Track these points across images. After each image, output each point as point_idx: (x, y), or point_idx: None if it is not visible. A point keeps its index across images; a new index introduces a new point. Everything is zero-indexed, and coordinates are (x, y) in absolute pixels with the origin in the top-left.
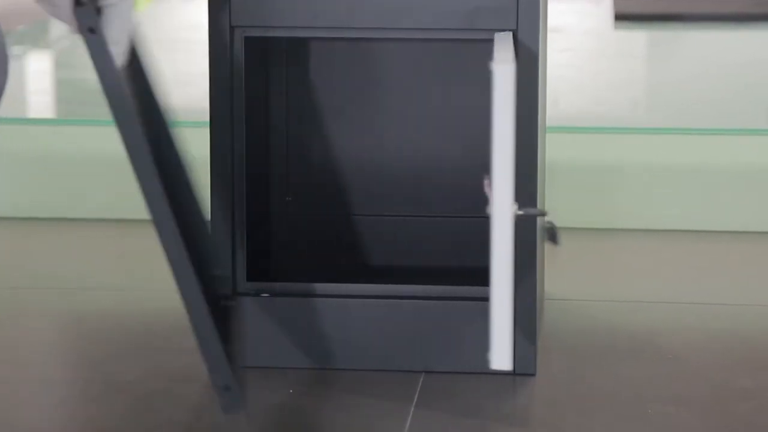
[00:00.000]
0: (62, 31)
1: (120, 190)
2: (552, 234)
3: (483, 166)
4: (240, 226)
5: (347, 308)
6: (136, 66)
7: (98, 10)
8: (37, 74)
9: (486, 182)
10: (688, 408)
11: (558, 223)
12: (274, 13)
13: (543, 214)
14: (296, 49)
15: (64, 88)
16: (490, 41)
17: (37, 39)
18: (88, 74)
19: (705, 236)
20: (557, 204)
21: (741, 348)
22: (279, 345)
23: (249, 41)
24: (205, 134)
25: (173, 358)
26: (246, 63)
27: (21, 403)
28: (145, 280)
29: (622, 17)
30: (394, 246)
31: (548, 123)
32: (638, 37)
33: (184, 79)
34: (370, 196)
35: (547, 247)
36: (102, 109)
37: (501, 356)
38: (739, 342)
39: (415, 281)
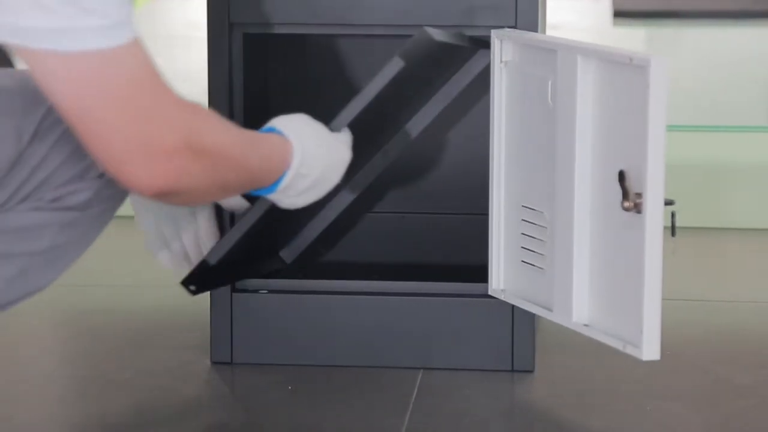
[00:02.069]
0: None
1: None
2: (672, 224)
3: (483, 164)
4: None
5: (345, 305)
6: None
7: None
8: None
9: (621, 174)
10: (687, 404)
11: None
12: (274, 10)
13: (670, 203)
14: (295, 46)
15: None
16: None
17: None
18: None
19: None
20: None
21: (740, 344)
22: (277, 342)
23: (248, 38)
24: None
25: (172, 355)
26: (245, 60)
27: (19, 400)
28: (144, 276)
29: (621, 14)
30: (393, 243)
31: None
32: (637, 34)
33: (182, 75)
34: (369, 193)
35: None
36: None
37: (651, 347)
38: (738, 338)
39: (414, 278)
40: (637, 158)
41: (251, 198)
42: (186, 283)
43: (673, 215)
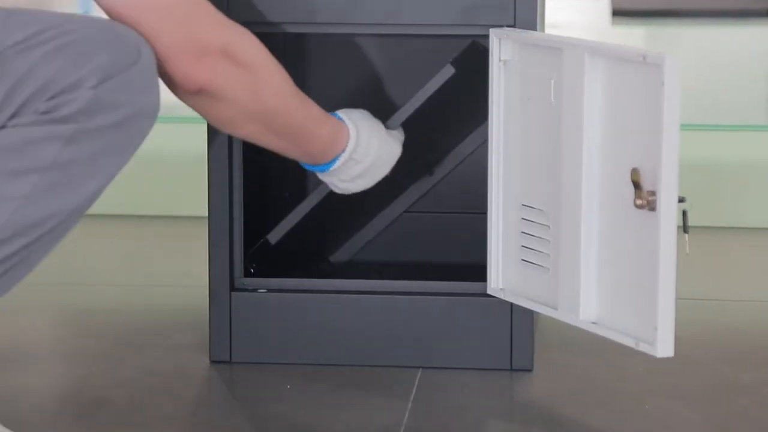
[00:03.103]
0: None
1: (120, 186)
2: (684, 222)
3: (482, 164)
4: (238, 222)
5: (344, 304)
6: None
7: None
8: None
9: (634, 172)
10: (687, 402)
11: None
12: (272, 10)
13: (682, 200)
14: (294, 45)
15: None
16: (487, 37)
17: None
18: None
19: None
20: None
21: (742, 343)
22: (276, 341)
23: None
24: (202, 130)
25: (171, 354)
26: None
27: (18, 399)
28: (143, 276)
29: (620, 13)
30: (392, 242)
31: None
32: (636, 32)
33: None
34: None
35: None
36: None
37: (665, 344)
38: (740, 337)
39: (413, 277)
40: (651, 156)
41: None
42: (249, 261)
43: (684, 213)
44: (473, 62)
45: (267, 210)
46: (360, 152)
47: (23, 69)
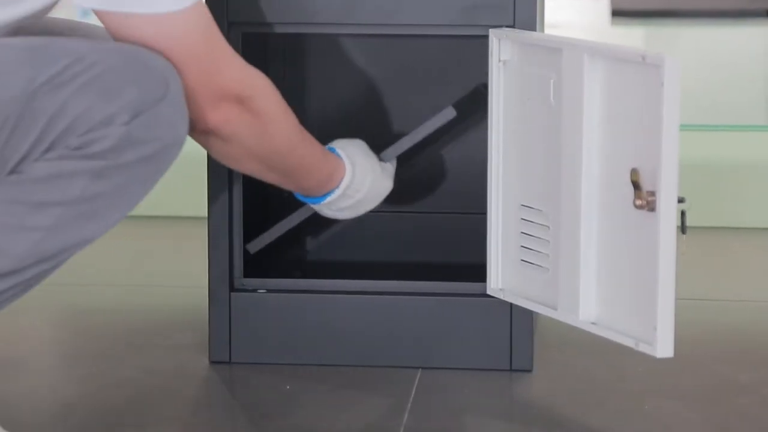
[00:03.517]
0: None
1: None
2: (682, 222)
3: (481, 164)
4: (237, 221)
5: (344, 304)
6: None
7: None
8: None
9: (633, 172)
10: (686, 403)
11: None
12: (272, 10)
13: (682, 200)
14: (294, 46)
15: None
16: (486, 37)
17: None
18: None
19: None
20: None
21: (742, 343)
22: (275, 341)
23: (247, 38)
24: None
25: (171, 353)
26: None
27: (18, 399)
28: (142, 276)
29: (619, 13)
30: (392, 242)
31: None
32: (635, 33)
33: None
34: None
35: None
36: None
37: (665, 344)
38: (740, 337)
39: (412, 277)
40: (651, 156)
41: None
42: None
43: (683, 213)
44: (475, 105)
45: (267, 210)
46: (353, 188)
47: (55, 107)
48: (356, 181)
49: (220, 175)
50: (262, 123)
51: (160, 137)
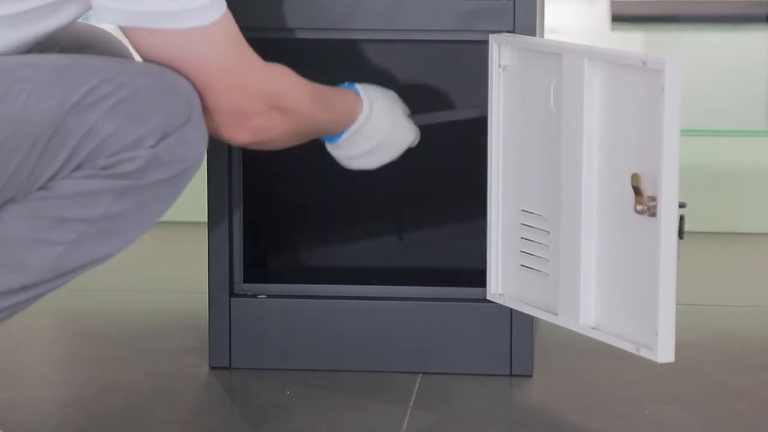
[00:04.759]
0: None
1: None
2: (680, 227)
3: (480, 168)
4: (237, 227)
5: (344, 310)
6: None
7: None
8: None
9: (634, 177)
10: (685, 407)
11: None
12: (271, 15)
13: (683, 205)
14: (294, 50)
15: None
16: (486, 43)
17: None
18: None
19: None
20: None
21: (740, 348)
22: (276, 346)
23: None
24: None
25: (171, 359)
26: None
27: (18, 403)
28: (143, 281)
29: (619, 19)
30: (392, 247)
31: None
32: (635, 38)
33: None
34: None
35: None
36: None
37: (666, 349)
38: (738, 342)
39: (412, 282)
40: (651, 161)
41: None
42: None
43: (681, 218)
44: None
45: (267, 215)
46: (370, 127)
47: (85, 128)
48: (374, 119)
49: (220, 180)
50: (293, 115)
51: (184, 158)
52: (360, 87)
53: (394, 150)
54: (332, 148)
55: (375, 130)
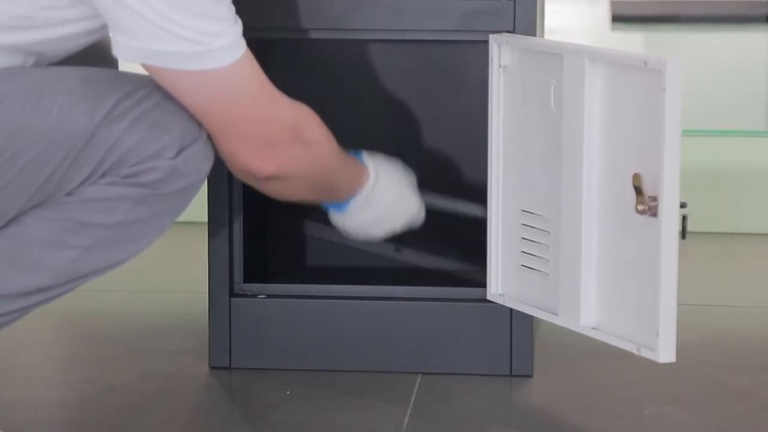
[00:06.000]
0: None
1: None
2: (682, 227)
3: (480, 168)
4: (237, 227)
5: (344, 310)
6: None
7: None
8: None
9: (635, 177)
10: (685, 408)
11: None
12: (274, 16)
13: (684, 205)
14: (295, 51)
15: None
16: (486, 43)
17: None
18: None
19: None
20: None
21: (741, 348)
22: (276, 346)
23: (248, 44)
24: None
25: (171, 359)
26: None
27: (17, 402)
28: (142, 281)
29: (619, 19)
30: (391, 247)
31: None
32: (635, 38)
33: None
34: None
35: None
36: None
37: (667, 350)
38: (739, 342)
39: (412, 282)
40: (652, 161)
41: None
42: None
43: (684, 218)
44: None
45: (267, 216)
46: (376, 197)
47: (111, 140)
48: (379, 189)
49: (220, 181)
50: (315, 151)
51: (197, 171)
52: (366, 155)
53: (400, 219)
54: (338, 217)
55: (380, 200)
